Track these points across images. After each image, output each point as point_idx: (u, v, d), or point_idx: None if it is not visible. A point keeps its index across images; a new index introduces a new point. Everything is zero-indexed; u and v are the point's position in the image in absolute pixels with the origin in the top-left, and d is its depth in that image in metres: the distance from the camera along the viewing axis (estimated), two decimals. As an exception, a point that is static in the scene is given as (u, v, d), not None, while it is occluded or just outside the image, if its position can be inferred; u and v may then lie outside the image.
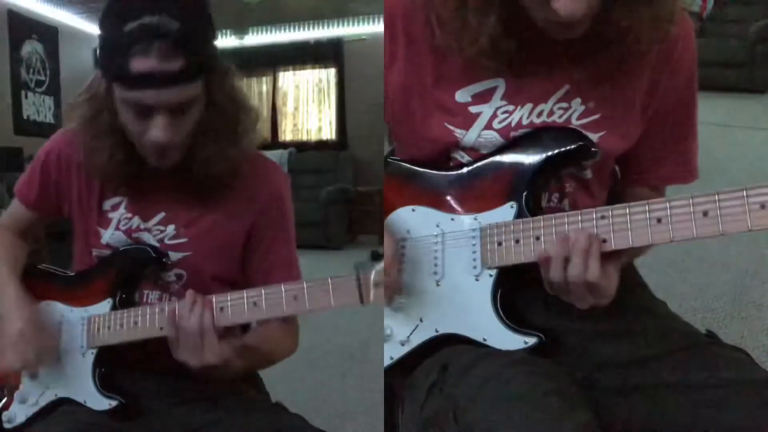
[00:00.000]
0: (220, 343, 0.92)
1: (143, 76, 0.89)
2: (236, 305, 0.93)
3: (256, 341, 1.04)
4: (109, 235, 1.07)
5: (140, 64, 0.89)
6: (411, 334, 0.94)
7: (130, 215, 1.07)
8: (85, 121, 1.01)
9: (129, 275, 1.04)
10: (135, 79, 0.90)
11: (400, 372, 0.97)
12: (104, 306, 1.03)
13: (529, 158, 0.91)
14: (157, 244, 1.06)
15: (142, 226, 1.07)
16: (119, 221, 1.07)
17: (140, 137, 0.96)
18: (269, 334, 1.06)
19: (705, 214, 0.76)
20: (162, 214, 1.07)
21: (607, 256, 0.82)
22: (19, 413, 1.05)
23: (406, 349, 0.95)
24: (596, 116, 0.93)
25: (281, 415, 1.05)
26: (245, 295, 0.93)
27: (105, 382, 1.01)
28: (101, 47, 0.95)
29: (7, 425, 1.05)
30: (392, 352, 0.96)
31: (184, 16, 0.90)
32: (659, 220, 0.79)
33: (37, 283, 1.10)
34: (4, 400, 1.07)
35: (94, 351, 1.02)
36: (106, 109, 0.98)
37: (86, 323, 1.03)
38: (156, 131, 0.94)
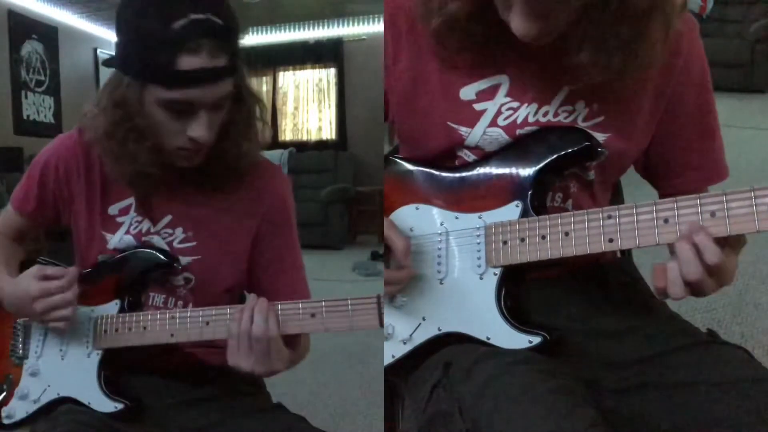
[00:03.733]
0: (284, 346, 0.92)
1: (191, 73, 0.89)
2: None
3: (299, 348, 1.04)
4: (117, 239, 1.06)
5: (189, 61, 0.88)
6: (413, 332, 0.94)
7: (140, 218, 1.06)
8: (111, 126, 0.97)
9: (137, 278, 1.04)
10: (181, 78, 0.89)
11: (402, 371, 0.97)
12: (112, 307, 1.02)
13: (535, 157, 0.91)
14: (167, 248, 1.05)
15: (152, 230, 1.06)
16: (130, 224, 1.06)
17: (176, 137, 0.95)
18: (303, 340, 1.06)
19: (712, 214, 0.76)
20: (169, 217, 1.06)
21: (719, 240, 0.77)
22: (18, 409, 1.04)
23: (408, 347, 0.94)
24: (601, 118, 0.93)
25: (282, 416, 1.04)
26: None
27: (110, 384, 1.00)
28: (136, 48, 0.91)
29: (6, 421, 1.04)
30: (394, 351, 0.95)
31: (225, 13, 0.91)
32: (666, 221, 0.78)
33: None
34: (3, 395, 1.06)
35: (100, 352, 1.01)
36: (137, 114, 0.95)
37: (93, 324, 1.02)
38: (200, 129, 0.93)
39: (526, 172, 0.91)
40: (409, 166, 1.01)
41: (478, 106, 0.94)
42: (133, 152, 0.97)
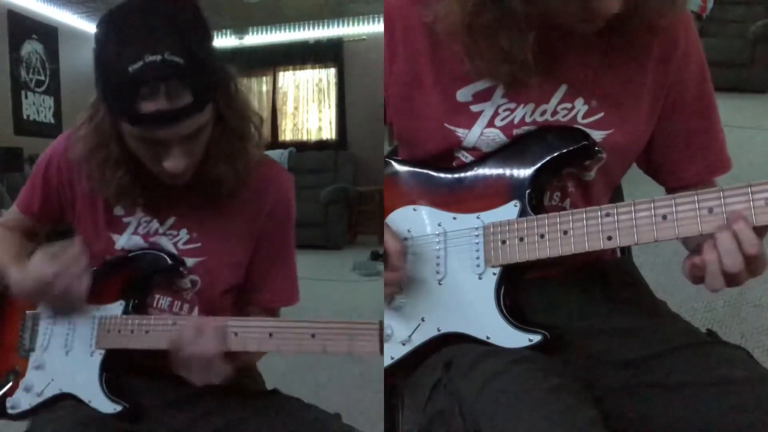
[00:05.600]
0: (223, 363, 0.92)
1: (153, 115, 0.85)
2: (251, 333, 0.92)
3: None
4: (126, 240, 1.06)
5: (147, 105, 0.84)
6: (412, 333, 0.94)
7: (149, 218, 1.06)
8: (89, 152, 0.98)
9: (143, 280, 1.03)
10: (144, 119, 0.86)
11: (401, 372, 0.97)
12: (117, 307, 1.02)
13: (533, 157, 0.91)
14: (174, 250, 1.05)
15: (160, 230, 1.06)
16: (138, 224, 1.06)
17: (154, 164, 0.94)
18: None
19: (710, 210, 0.76)
20: (173, 219, 1.06)
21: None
22: (22, 401, 1.04)
23: (407, 348, 0.94)
24: (600, 115, 0.93)
25: (280, 401, 1.05)
26: (262, 324, 0.92)
27: (111, 385, 1.00)
28: (103, 85, 0.90)
29: (10, 411, 1.05)
30: (393, 352, 0.95)
31: (186, 49, 0.85)
32: (664, 217, 0.78)
33: None
34: (8, 386, 1.07)
35: (102, 352, 1.01)
36: (113, 141, 0.95)
37: (97, 323, 1.02)
38: (173, 162, 0.91)
39: (524, 171, 0.91)
40: (407, 168, 1.01)
41: (474, 108, 0.94)
42: (110, 178, 0.98)
